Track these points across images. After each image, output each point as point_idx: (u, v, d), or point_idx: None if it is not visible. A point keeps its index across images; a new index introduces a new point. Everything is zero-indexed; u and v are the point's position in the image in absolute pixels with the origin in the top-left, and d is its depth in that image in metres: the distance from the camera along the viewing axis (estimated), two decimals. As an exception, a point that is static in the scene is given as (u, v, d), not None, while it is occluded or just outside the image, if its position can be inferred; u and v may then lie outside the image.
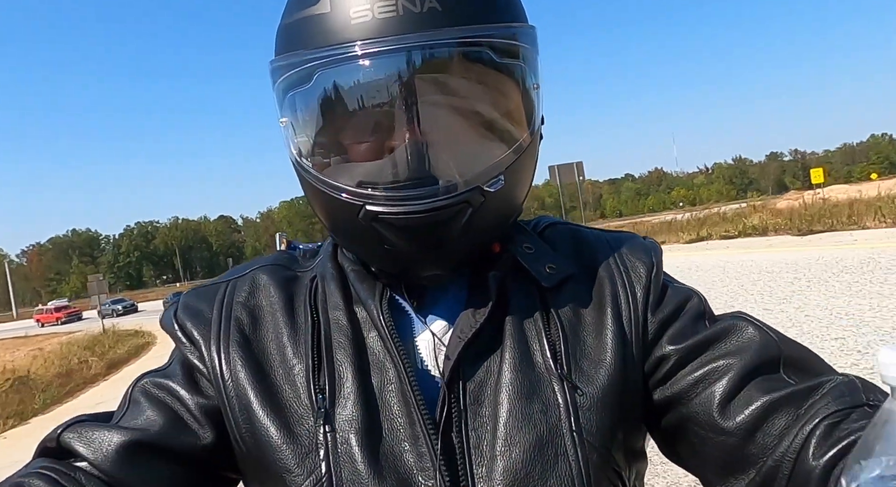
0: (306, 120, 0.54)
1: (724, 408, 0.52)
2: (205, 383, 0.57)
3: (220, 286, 0.62)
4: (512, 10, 0.54)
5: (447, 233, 0.52)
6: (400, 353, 0.54)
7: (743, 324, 0.56)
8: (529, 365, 0.55)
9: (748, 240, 14.05)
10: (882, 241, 10.03)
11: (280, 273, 0.62)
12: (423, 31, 0.49)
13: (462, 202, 0.51)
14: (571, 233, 0.65)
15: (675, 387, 0.56)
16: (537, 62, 0.56)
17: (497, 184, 0.53)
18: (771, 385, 0.52)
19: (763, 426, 0.50)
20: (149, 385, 0.57)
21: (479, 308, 0.56)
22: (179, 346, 0.59)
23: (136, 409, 0.55)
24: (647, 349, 0.57)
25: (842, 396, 0.49)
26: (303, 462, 0.52)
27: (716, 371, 0.54)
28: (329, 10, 0.51)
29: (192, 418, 0.55)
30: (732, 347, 0.55)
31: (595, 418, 0.53)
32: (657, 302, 0.59)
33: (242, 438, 0.54)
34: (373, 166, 0.52)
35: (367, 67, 0.50)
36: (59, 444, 0.52)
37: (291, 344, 0.57)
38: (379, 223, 0.52)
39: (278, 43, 0.55)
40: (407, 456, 0.51)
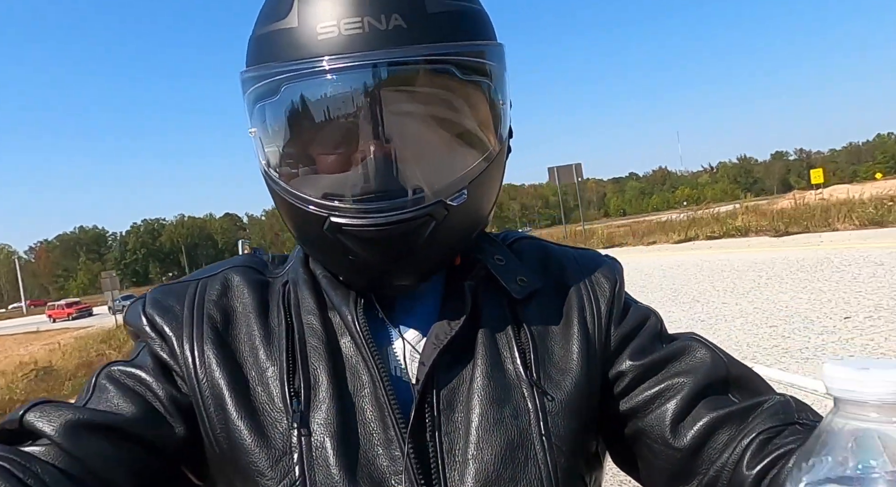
0: (274, 131, 0.55)
1: (675, 426, 0.56)
2: (176, 379, 0.56)
3: (190, 284, 0.61)
4: (479, 29, 0.55)
5: (410, 245, 0.53)
6: (374, 358, 0.54)
7: (695, 345, 0.60)
8: (501, 372, 0.56)
9: (731, 240, 14.58)
10: (843, 243, 10.66)
11: (252, 275, 0.62)
12: (387, 49, 0.49)
13: (425, 215, 0.52)
14: (539, 248, 0.67)
15: (632, 402, 0.58)
16: (505, 79, 0.57)
17: (460, 198, 0.53)
18: (717, 403, 0.56)
19: (709, 441, 0.54)
20: (117, 372, 0.56)
21: (454, 315, 0.57)
22: (148, 342, 0.57)
23: (103, 394, 0.54)
24: (608, 361, 0.60)
25: (776, 414, 0.52)
26: (276, 465, 0.51)
27: (669, 388, 0.57)
28: (297, 24, 0.51)
29: (164, 409, 0.54)
30: (685, 367, 0.58)
31: (563, 423, 0.55)
32: (620, 317, 0.62)
33: (217, 438, 0.53)
34: (338, 178, 0.53)
35: (333, 82, 0.50)
36: (21, 425, 0.50)
37: (265, 347, 0.57)
38: (343, 234, 0.52)
39: (248, 54, 0.56)
40: (380, 460, 0.52)
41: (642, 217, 72.77)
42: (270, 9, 0.54)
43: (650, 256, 14.02)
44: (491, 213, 0.61)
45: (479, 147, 0.56)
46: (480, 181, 0.56)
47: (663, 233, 18.28)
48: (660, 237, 17.96)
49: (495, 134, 0.57)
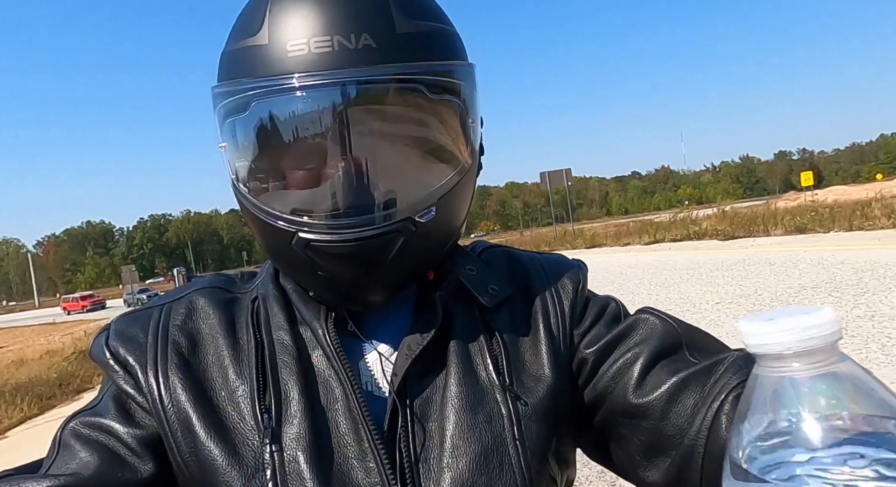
0: (244, 146, 0.55)
1: (637, 391, 0.56)
2: (140, 413, 0.55)
3: (154, 310, 0.61)
4: (448, 49, 0.56)
5: (378, 261, 0.53)
6: (346, 371, 0.55)
7: (645, 316, 0.61)
8: (474, 379, 0.57)
9: (689, 243, 16.02)
10: (765, 246, 12.07)
11: (218, 295, 0.62)
12: (356, 67, 0.50)
13: (393, 232, 0.52)
14: (506, 256, 0.68)
15: (597, 387, 0.59)
16: (475, 97, 0.58)
17: (428, 215, 0.54)
18: (676, 365, 0.56)
19: (675, 405, 0.54)
20: (79, 425, 0.55)
21: (425, 327, 0.57)
22: (112, 375, 0.57)
23: (67, 453, 0.53)
24: (571, 359, 0.61)
25: (740, 368, 0.52)
26: (249, 482, 0.51)
27: (626, 361, 0.58)
28: (267, 41, 0.52)
29: (130, 452, 0.53)
30: (639, 338, 0.60)
31: (535, 427, 0.56)
32: (580, 315, 0.63)
33: (186, 463, 0.53)
34: (306, 194, 0.53)
35: (302, 99, 0.51)
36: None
37: (234, 366, 0.56)
38: (311, 250, 0.53)
39: (220, 69, 0.56)
40: (356, 472, 0.52)
41: (640, 216, 73.61)
42: (242, 24, 0.55)
43: (619, 256, 15.17)
44: (462, 227, 0.63)
45: (448, 164, 0.56)
46: (449, 197, 0.56)
47: (637, 234, 19.59)
48: (634, 239, 19.24)
49: (464, 151, 0.57)
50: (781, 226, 14.38)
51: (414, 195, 0.54)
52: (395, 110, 0.53)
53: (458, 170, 0.57)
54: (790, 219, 14.51)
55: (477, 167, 0.61)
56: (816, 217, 13.97)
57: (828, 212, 14.45)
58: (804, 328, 0.29)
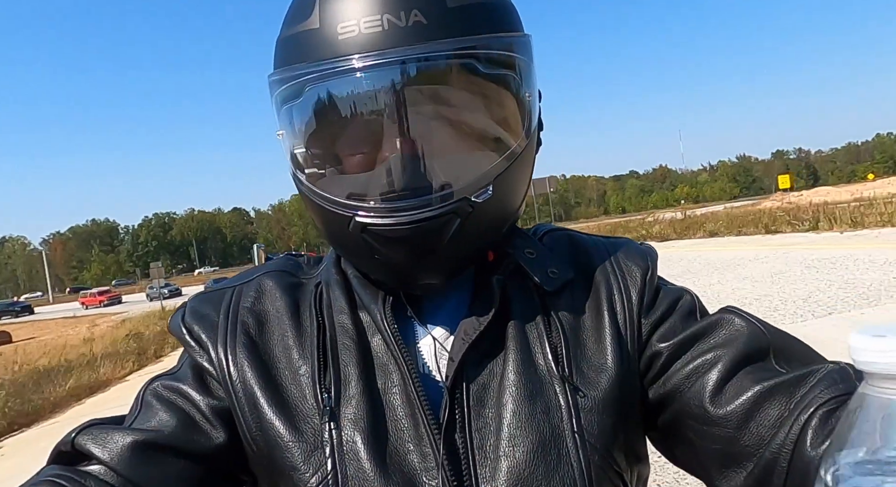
0: (300, 132, 0.56)
1: (715, 398, 0.53)
2: (214, 385, 0.58)
3: (227, 291, 0.63)
4: (503, 20, 0.55)
5: (435, 243, 0.53)
6: (404, 356, 0.55)
7: (730, 317, 0.57)
8: (532, 368, 0.56)
9: (649, 242, 19.43)
10: (686, 247, 14.64)
11: (285, 279, 0.64)
12: (407, 46, 0.50)
13: (449, 213, 0.52)
14: (569, 239, 0.66)
15: (668, 384, 0.57)
16: (531, 70, 0.56)
17: (485, 194, 0.53)
18: (761, 374, 0.53)
19: (756, 416, 0.51)
20: (160, 388, 0.58)
21: (482, 311, 0.57)
22: (188, 349, 0.60)
23: (149, 411, 0.56)
24: (642, 349, 0.59)
25: (835, 383, 0.49)
26: (309, 459, 0.53)
27: (705, 363, 0.55)
28: (318, 25, 0.52)
29: (204, 419, 0.56)
30: (721, 339, 0.56)
31: (596, 419, 0.54)
32: (650, 304, 0.60)
33: (253, 437, 0.55)
34: (362, 178, 0.54)
35: (354, 81, 0.51)
36: (73, 447, 0.53)
37: (297, 347, 0.58)
38: (368, 234, 0.53)
39: (275, 57, 0.57)
40: (411, 456, 0.52)
41: (633, 216, 75.34)
42: (295, 11, 0.55)
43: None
44: (521, 207, 0.62)
45: (505, 141, 0.55)
46: (507, 176, 0.55)
47: (613, 234, 22.31)
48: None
49: (522, 128, 0.56)
50: (701, 230, 17.15)
51: (469, 175, 0.53)
52: (448, 88, 0.53)
53: (515, 148, 0.55)
54: (719, 223, 17.42)
55: (536, 143, 0.60)
56: (720, 225, 16.94)
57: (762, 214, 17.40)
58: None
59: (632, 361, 0.58)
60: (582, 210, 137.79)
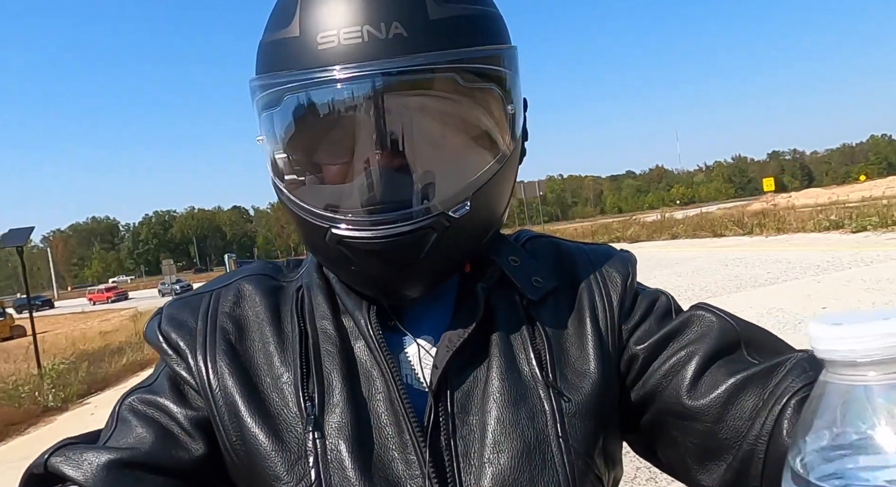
0: (279, 139, 0.55)
1: (691, 393, 0.54)
2: (192, 394, 0.56)
3: (204, 296, 0.62)
4: (486, 33, 0.54)
5: (412, 257, 0.53)
6: (388, 363, 0.54)
7: (701, 313, 0.58)
8: (516, 374, 0.55)
9: (618, 244, 21.80)
10: (659, 247, 16.36)
11: (265, 282, 0.63)
12: (386, 58, 0.49)
13: (426, 228, 0.51)
14: (553, 246, 0.66)
15: (647, 385, 0.57)
16: (516, 82, 0.56)
17: (462, 209, 0.53)
18: (734, 366, 0.54)
19: (732, 408, 0.52)
20: (136, 402, 0.56)
21: (466, 319, 0.56)
22: (165, 358, 0.58)
23: (125, 428, 0.54)
24: (620, 355, 0.59)
25: (805, 372, 0.50)
26: (292, 468, 0.52)
27: (680, 360, 0.56)
28: (298, 33, 0.51)
29: (183, 431, 0.54)
30: (693, 335, 0.57)
31: (580, 424, 0.54)
32: (629, 309, 0.61)
33: (233, 447, 0.54)
34: (340, 189, 0.53)
35: (331, 92, 0.50)
36: (46, 470, 0.51)
37: (279, 353, 0.57)
38: (344, 246, 0.52)
39: (256, 62, 0.56)
40: (396, 464, 0.52)
41: (615, 218, 76.33)
42: (276, 16, 0.55)
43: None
44: (504, 216, 0.61)
45: (484, 155, 0.55)
46: (486, 190, 0.55)
47: (591, 237, 23.62)
48: (587, 239, 23.64)
49: (504, 138, 0.56)
50: (667, 233, 19.13)
51: (447, 189, 0.52)
52: (427, 101, 0.52)
53: (497, 159, 0.55)
54: (681, 227, 19.26)
55: (519, 153, 0.60)
56: (678, 229, 18.81)
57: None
58: (883, 335, 0.27)
59: (612, 366, 0.59)
60: (579, 209, 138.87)
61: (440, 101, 0.52)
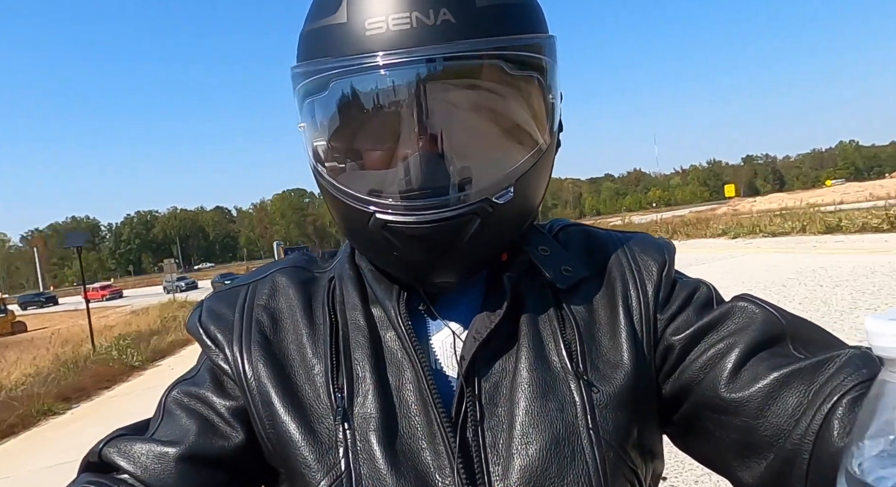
0: (323, 126, 0.56)
1: (729, 385, 0.52)
2: (230, 385, 0.58)
3: (241, 289, 0.64)
4: (530, 21, 0.55)
5: (455, 242, 0.53)
6: (417, 352, 0.55)
7: (744, 304, 0.56)
8: (545, 365, 0.55)
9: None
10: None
11: (299, 274, 0.64)
12: (434, 44, 0.49)
13: (470, 213, 0.52)
14: (584, 235, 0.66)
15: (683, 377, 0.56)
16: (555, 71, 0.56)
17: (506, 196, 0.53)
18: (777, 360, 0.51)
19: (773, 404, 0.49)
20: (180, 394, 0.59)
21: (494, 309, 0.56)
22: (205, 349, 0.60)
23: (170, 419, 0.57)
24: (656, 345, 0.58)
25: (858, 369, 0.47)
26: (322, 458, 0.53)
27: (719, 352, 0.54)
28: (346, 20, 0.52)
29: (223, 421, 0.57)
30: (735, 326, 0.55)
31: (611, 416, 0.53)
32: (666, 299, 0.59)
33: (267, 435, 0.55)
34: (384, 175, 0.53)
35: (380, 78, 0.51)
36: (100, 459, 0.55)
37: (311, 345, 0.58)
38: (388, 231, 0.53)
39: (299, 49, 0.57)
40: (424, 454, 0.52)
41: (607, 218, 78.35)
42: (320, 4, 0.55)
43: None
44: (539, 207, 0.61)
45: (527, 143, 0.55)
46: (528, 177, 0.55)
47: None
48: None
49: (544, 129, 0.56)
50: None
51: (492, 175, 0.53)
52: (473, 88, 0.53)
53: (537, 150, 0.55)
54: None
55: (556, 145, 0.59)
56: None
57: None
58: None
59: (647, 357, 0.57)
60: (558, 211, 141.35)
61: (486, 89, 0.53)
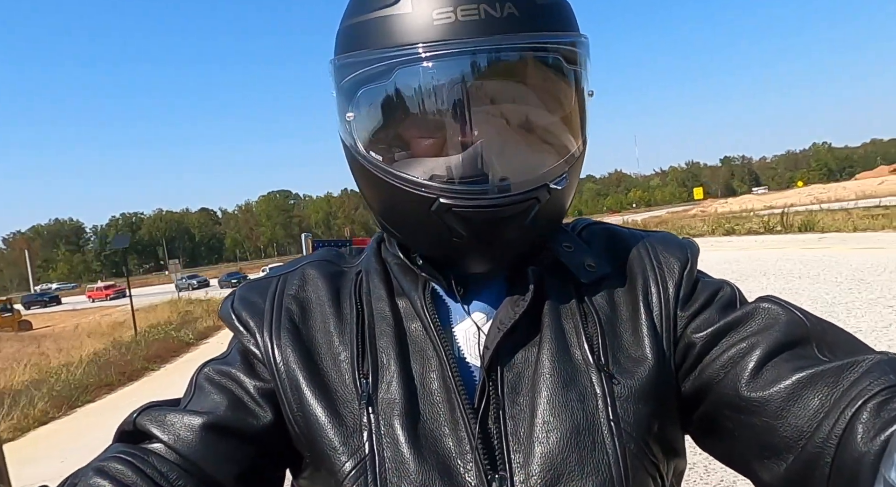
0: (383, 115, 0.56)
1: (750, 385, 0.52)
2: (261, 367, 0.60)
3: (273, 280, 0.66)
4: (574, 20, 0.58)
5: (514, 227, 0.55)
6: (442, 341, 0.56)
7: (767, 305, 0.57)
8: (567, 356, 0.56)
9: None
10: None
11: (327, 268, 0.67)
12: (503, 34, 0.51)
13: (532, 198, 0.54)
14: (607, 233, 0.67)
15: (704, 375, 0.56)
16: (589, 69, 0.59)
17: (563, 181, 0.55)
18: (800, 362, 0.51)
19: (795, 405, 0.49)
20: (211, 371, 0.61)
21: (518, 300, 0.58)
22: (237, 334, 0.62)
23: (202, 394, 0.59)
24: (676, 343, 0.59)
25: (885, 374, 0.46)
26: (347, 441, 0.54)
27: (740, 351, 0.54)
28: (411, 10, 0.53)
29: (252, 400, 0.58)
30: (757, 327, 0.55)
31: (632, 409, 0.54)
32: (688, 297, 0.60)
33: (294, 418, 0.57)
34: (447, 161, 0.54)
35: (449, 66, 0.52)
36: (135, 427, 0.56)
37: (337, 333, 0.60)
38: (451, 215, 0.54)
39: (346, 41, 0.58)
40: (447, 440, 0.54)
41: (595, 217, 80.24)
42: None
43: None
44: (569, 207, 0.63)
45: (577, 133, 0.58)
46: (576, 166, 0.58)
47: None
48: None
49: (585, 124, 0.59)
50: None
51: (549, 163, 0.55)
52: (538, 77, 0.55)
53: (584, 141, 0.58)
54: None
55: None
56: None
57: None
58: None
59: (667, 353, 0.58)
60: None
61: (548, 80, 0.55)
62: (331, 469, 0.54)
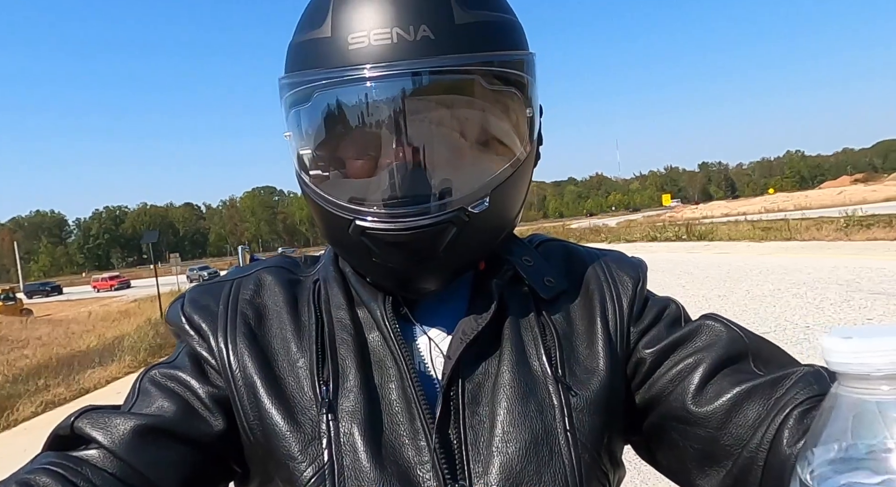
0: (307, 135, 0.57)
1: (696, 399, 0.56)
2: (213, 373, 0.58)
3: (225, 284, 0.64)
4: (508, 38, 0.56)
5: (432, 250, 0.55)
6: (402, 351, 0.56)
7: (711, 323, 0.60)
8: (526, 368, 0.57)
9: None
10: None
11: (284, 275, 0.65)
12: (413, 59, 0.51)
13: (446, 222, 0.54)
14: (565, 250, 0.69)
15: (654, 388, 0.59)
16: (534, 87, 0.58)
17: (481, 206, 0.55)
18: (740, 376, 0.55)
19: (735, 416, 0.53)
20: (158, 375, 0.58)
21: (481, 312, 0.58)
22: (186, 338, 0.60)
23: (147, 398, 0.56)
24: (628, 357, 0.61)
25: (809, 385, 0.51)
26: (306, 449, 0.53)
27: (687, 366, 0.58)
28: (330, 34, 0.54)
29: (203, 406, 0.56)
30: (702, 343, 0.59)
31: (587, 419, 0.56)
32: (639, 313, 0.63)
33: (250, 426, 0.56)
34: (365, 183, 0.55)
35: (360, 90, 0.53)
36: (72, 432, 0.54)
37: (295, 340, 0.59)
38: (367, 238, 0.54)
39: (286, 61, 0.59)
40: (406, 450, 0.54)
41: (570, 220, 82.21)
42: (308, 18, 0.57)
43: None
44: (517, 218, 0.64)
45: (503, 155, 0.57)
46: (504, 188, 0.57)
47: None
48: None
49: (521, 141, 0.58)
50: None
51: (468, 186, 0.55)
52: (451, 101, 0.55)
53: (514, 162, 0.57)
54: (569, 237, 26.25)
55: (535, 157, 0.62)
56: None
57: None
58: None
59: (620, 367, 0.60)
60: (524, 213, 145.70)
61: (464, 103, 0.55)
62: (289, 479, 0.53)
